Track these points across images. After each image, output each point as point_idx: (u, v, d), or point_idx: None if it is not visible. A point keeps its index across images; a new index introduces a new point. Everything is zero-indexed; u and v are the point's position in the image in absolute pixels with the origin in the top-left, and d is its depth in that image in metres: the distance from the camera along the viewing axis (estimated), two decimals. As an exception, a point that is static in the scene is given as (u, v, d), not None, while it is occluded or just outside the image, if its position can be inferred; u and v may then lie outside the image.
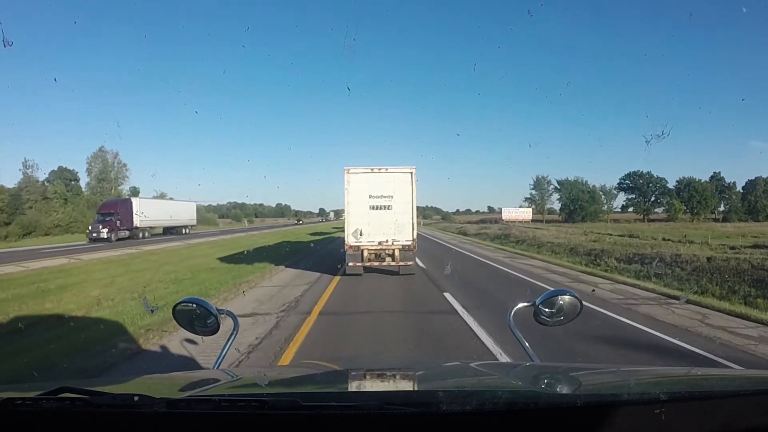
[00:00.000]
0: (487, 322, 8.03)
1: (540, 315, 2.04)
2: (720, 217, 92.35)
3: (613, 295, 11.55)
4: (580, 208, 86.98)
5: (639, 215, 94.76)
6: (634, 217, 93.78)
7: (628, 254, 22.50)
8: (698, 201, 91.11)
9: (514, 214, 70.02)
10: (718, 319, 8.91)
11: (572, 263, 20.48)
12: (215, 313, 1.99)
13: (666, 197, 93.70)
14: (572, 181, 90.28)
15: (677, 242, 30.34)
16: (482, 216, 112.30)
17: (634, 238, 34.66)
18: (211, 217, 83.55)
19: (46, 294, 11.51)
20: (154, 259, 20.18)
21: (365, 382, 1.79)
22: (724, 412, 1.22)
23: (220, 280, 13.35)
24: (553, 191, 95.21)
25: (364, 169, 14.45)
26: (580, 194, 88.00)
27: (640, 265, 19.20)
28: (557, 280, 14.32)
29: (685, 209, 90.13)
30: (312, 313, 9.14)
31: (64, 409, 1.13)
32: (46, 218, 49.01)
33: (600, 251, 24.34)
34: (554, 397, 1.34)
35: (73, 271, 16.66)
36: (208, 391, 1.43)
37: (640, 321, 8.59)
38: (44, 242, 36.79)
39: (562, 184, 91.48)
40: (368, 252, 14.30)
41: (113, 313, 8.96)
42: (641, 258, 20.69)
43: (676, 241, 31.99)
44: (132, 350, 6.58)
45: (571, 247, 26.62)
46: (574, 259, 23.15)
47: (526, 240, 32.34)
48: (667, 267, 17.56)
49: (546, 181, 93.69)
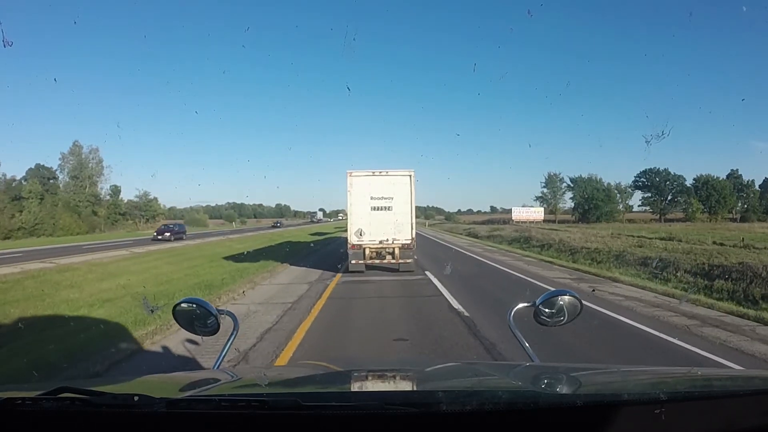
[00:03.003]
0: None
1: (540, 315, 2.01)
2: (737, 217, 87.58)
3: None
4: (595, 208, 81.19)
5: (655, 215, 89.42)
6: (649, 217, 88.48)
7: (699, 265, 17.45)
8: (716, 200, 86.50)
9: (524, 214, 65.06)
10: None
11: (634, 278, 15.40)
12: (215, 313, 1.97)
13: (684, 196, 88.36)
14: (586, 179, 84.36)
15: (735, 246, 25.18)
16: (486, 216, 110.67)
17: (674, 242, 29.27)
18: (201, 217, 79.30)
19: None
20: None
21: (365, 382, 1.78)
22: (724, 412, 1.21)
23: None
24: (565, 189, 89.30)
25: (365, 172, 15.16)
26: (594, 193, 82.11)
27: (726, 282, 14.17)
28: (677, 323, 8.49)
29: (703, 208, 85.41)
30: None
31: (64, 409, 1.12)
32: (8, 220, 43.80)
33: (657, 261, 19.32)
34: (554, 397, 1.32)
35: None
36: (208, 391, 1.43)
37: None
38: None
39: (575, 182, 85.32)
40: (370, 250, 14.94)
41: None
42: (723, 271, 15.63)
43: (731, 245, 26.85)
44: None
45: (616, 254, 21.54)
46: (627, 270, 18.11)
47: (552, 244, 27.17)
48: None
49: (558, 179, 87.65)
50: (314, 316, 8.83)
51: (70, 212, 51.67)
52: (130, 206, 64.82)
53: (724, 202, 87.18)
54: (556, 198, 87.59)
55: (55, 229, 47.68)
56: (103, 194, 63.39)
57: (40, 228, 46.24)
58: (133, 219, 63.66)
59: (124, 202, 65.12)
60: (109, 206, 62.36)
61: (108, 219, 61.68)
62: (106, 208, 61.82)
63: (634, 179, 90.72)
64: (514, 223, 59.67)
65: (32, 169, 67.54)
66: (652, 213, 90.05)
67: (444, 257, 21.03)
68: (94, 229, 57.74)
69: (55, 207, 50.98)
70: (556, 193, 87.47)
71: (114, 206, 62.98)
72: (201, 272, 14.40)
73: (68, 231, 49.02)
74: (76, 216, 52.92)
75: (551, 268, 18.05)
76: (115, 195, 64.38)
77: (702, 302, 10.87)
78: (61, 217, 49.45)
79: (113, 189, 64.41)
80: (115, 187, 64.99)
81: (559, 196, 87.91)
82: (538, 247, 27.81)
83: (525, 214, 64.93)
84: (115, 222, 62.53)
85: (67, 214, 50.64)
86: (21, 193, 55.67)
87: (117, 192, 64.16)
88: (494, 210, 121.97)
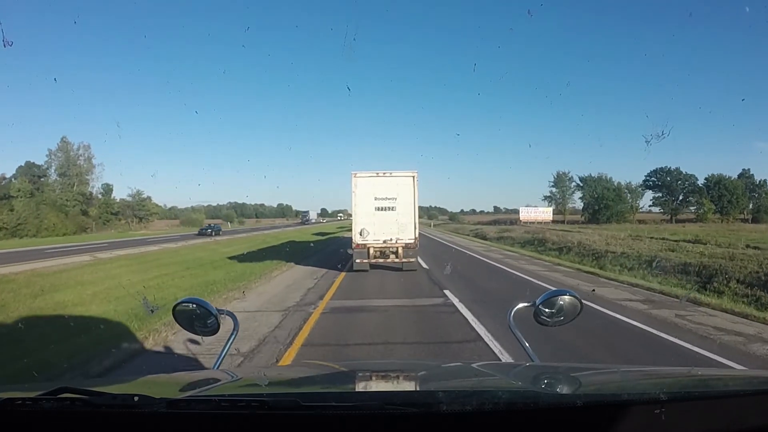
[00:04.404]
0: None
1: (540, 315, 1.99)
2: (749, 218, 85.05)
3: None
4: (605, 208, 78.16)
5: (665, 215, 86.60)
6: (660, 218, 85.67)
7: (751, 274, 14.96)
8: (729, 200, 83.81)
9: (532, 214, 62.57)
10: None
11: (680, 290, 12.91)
12: (215, 313, 1.95)
13: (696, 196, 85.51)
14: (596, 178, 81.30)
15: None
16: (490, 216, 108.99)
17: (703, 245, 26.60)
18: (197, 217, 76.84)
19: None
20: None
21: (365, 382, 1.77)
22: (724, 412, 1.21)
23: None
24: (574, 189, 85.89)
25: (370, 173, 15.37)
26: (605, 192, 79.06)
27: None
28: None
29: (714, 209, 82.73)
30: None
31: (64, 409, 1.12)
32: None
33: (699, 267, 16.83)
34: (554, 397, 1.31)
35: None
36: (208, 391, 1.42)
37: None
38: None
39: (584, 181, 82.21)
40: (374, 250, 15.13)
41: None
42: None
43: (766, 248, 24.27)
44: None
45: (647, 260, 19.04)
46: (668, 280, 15.62)
47: (571, 248, 24.64)
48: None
49: (567, 178, 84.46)
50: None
51: (56, 212, 48.97)
52: (122, 206, 62.15)
53: (737, 203, 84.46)
54: (566, 198, 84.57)
55: (40, 229, 45.06)
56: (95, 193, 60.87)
57: (23, 228, 43.53)
58: (126, 219, 61.00)
59: (117, 202, 62.48)
60: (100, 205, 59.78)
61: (100, 219, 59.16)
62: (98, 208, 59.24)
63: (645, 178, 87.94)
64: (521, 223, 57.24)
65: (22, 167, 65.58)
66: (663, 213, 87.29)
67: (464, 269, 17.15)
68: (84, 229, 55.32)
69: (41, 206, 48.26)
70: (565, 193, 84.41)
71: (106, 205, 60.37)
72: (166, 284, 11.97)
73: (54, 231, 46.39)
74: (62, 216, 50.21)
75: (596, 281, 14.27)
76: (107, 194, 61.90)
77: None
78: (46, 217, 46.80)
79: (105, 187, 61.96)
80: (107, 186, 62.55)
81: (568, 195, 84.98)
82: (555, 250, 25.28)
83: (533, 214, 62.40)
84: (107, 222, 59.98)
85: (53, 213, 47.93)
86: (9, 191, 53.41)
87: (109, 191, 61.73)
88: (497, 210, 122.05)
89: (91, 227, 57.46)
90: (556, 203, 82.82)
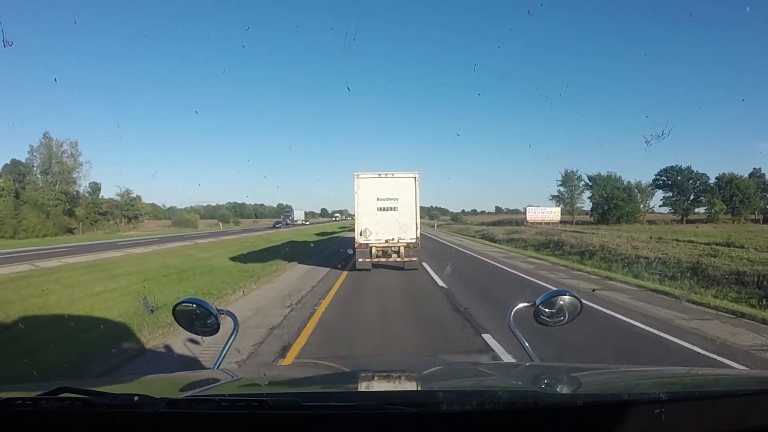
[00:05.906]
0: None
1: (540, 315, 1.97)
2: (760, 218, 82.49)
3: None
4: (615, 208, 75.26)
5: (676, 215, 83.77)
6: (670, 218, 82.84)
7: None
8: (740, 200, 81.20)
9: (540, 214, 59.55)
10: None
11: (753, 310, 10.16)
12: (215, 313, 1.93)
13: (707, 195, 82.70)
14: (605, 177, 78.12)
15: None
16: (492, 217, 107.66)
17: (736, 248, 23.71)
18: (190, 218, 74.39)
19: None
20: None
21: (365, 382, 1.77)
22: (724, 412, 1.20)
23: None
24: (583, 188, 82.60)
25: (372, 174, 15.72)
26: (615, 192, 76.03)
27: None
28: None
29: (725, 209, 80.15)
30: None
31: (64, 409, 1.11)
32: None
33: (758, 277, 14.12)
34: (554, 397, 1.32)
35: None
36: (208, 391, 1.42)
37: None
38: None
39: (593, 180, 79.04)
40: (376, 249, 15.46)
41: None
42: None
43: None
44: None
45: (689, 267, 16.30)
46: (728, 294, 12.88)
47: (593, 251, 21.83)
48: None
49: (576, 177, 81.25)
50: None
51: (36, 212, 46.16)
52: (111, 205, 59.37)
53: (748, 203, 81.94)
54: (574, 197, 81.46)
55: (18, 230, 42.33)
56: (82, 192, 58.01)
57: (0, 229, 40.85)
58: (114, 219, 58.24)
59: (105, 201, 59.69)
60: (87, 205, 57.01)
61: (87, 219, 56.43)
62: (84, 208, 56.48)
63: (655, 177, 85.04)
64: (529, 224, 54.46)
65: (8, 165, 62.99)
66: (673, 213, 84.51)
67: (494, 287, 13.15)
68: (70, 230, 52.57)
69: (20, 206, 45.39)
70: (573, 192, 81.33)
71: (93, 205, 57.59)
72: (99, 307, 9.21)
73: (34, 233, 43.65)
74: (43, 216, 47.36)
75: (671, 306, 10.23)
76: (95, 193, 59.16)
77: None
78: (25, 217, 44.06)
79: (93, 186, 59.18)
80: (95, 184, 59.74)
81: (576, 195, 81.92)
82: (576, 254, 22.47)
83: (540, 214, 59.38)
84: (95, 222, 57.28)
85: (33, 213, 45.11)
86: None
87: (96, 189, 59.00)
88: (499, 210, 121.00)
89: (77, 228, 54.77)
90: (564, 203, 79.90)
